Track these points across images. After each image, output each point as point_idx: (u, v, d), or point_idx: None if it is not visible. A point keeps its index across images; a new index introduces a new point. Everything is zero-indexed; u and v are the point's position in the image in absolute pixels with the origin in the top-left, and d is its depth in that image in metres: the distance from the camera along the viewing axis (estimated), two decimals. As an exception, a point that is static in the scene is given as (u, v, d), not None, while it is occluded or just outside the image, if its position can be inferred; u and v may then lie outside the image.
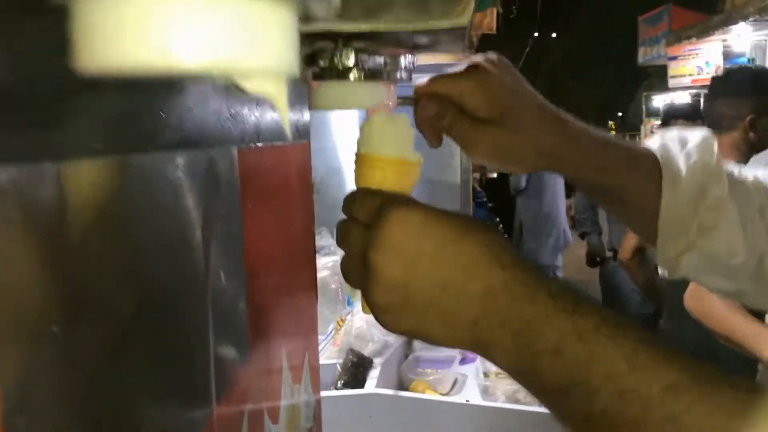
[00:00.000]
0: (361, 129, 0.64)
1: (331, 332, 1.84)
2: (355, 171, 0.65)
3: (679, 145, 0.80)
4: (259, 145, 0.74)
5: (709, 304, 1.71)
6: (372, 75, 0.64)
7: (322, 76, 0.64)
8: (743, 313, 1.67)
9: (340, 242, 0.58)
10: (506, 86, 0.67)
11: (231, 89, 0.58)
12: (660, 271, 0.86)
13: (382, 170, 0.62)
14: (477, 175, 3.22)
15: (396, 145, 0.62)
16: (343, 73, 0.63)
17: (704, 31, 7.46)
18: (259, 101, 0.69)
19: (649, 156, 0.77)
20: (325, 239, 2.15)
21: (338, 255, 2.09)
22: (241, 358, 0.71)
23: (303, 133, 0.94)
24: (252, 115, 0.73)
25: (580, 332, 0.44)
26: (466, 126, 0.67)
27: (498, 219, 4.15)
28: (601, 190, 0.76)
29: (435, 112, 0.67)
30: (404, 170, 0.63)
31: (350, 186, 0.65)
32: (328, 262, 2.00)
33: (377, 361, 1.69)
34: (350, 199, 0.58)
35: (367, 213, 0.55)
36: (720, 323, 1.70)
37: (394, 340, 1.77)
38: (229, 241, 0.66)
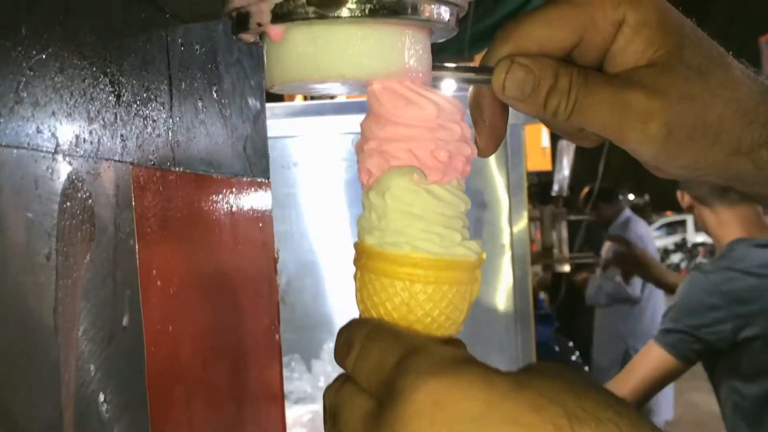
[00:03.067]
0: (366, 200, 0.55)
1: None
2: (356, 276, 0.56)
3: None
4: (178, 170, 0.63)
5: None
6: (384, 9, 0.53)
7: (289, 12, 0.53)
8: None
9: (330, 425, 0.53)
10: (665, 7, 0.60)
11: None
12: None
13: (407, 281, 0.53)
14: (539, 269, 3.11)
15: (437, 233, 0.53)
16: (330, 1, 0.52)
17: None
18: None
19: None
20: (298, 376, 2.02)
21: (318, 403, 1.97)
22: None
23: (259, 163, 0.83)
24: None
25: None
26: (608, 92, 0.59)
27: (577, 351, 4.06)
28: None
29: (536, 78, 0.58)
30: (453, 278, 0.54)
31: (333, 292, 0.53)
32: (303, 415, 1.87)
33: None
34: (347, 340, 0.53)
35: (377, 374, 0.50)
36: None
37: None
38: (114, 344, 0.54)
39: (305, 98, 3.51)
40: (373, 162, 0.54)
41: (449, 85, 0.62)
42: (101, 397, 0.53)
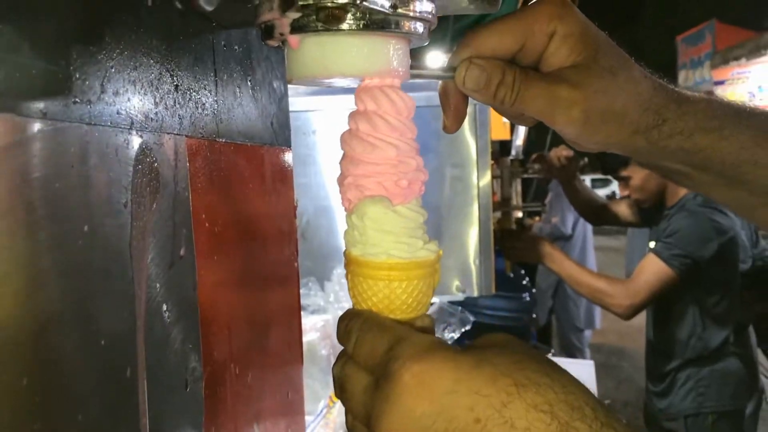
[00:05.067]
0: (349, 221, 0.56)
1: (322, 411, 1.69)
2: (348, 277, 0.56)
3: None
4: (221, 140, 0.63)
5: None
6: (374, 24, 0.53)
7: (303, 26, 0.53)
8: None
9: (339, 393, 0.54)
10: (586, 22, 0.60)
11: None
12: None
13: (387, 280, 0.54)
14: (499, 215, 3.09)
15: (405, 242, 0.54)
16: (333, 18, 0.52)
17: (756, 50, 7.47)
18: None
19: None
20: (314, 293, 2.01)
21: (329, 313, 1.98)
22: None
23: (282, 134, 0.83)
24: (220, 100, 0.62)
25: None
26: (542, 86, 0.60)
27: (527, 277, 4.03)
28: (711, 169, 0.69)
29: (488, 75, 0.60)
30: (420, 274, 0.55)
31: (343, 229, 0.54)
32: (317, 323, 1.86)
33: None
34: (346, 329, 0.54)
35: (371, 358, 0.51)
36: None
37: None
38: (174, 269, 0.55)
39: (288, 81, 3.48)
40: (351, 193, 0.55)
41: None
42: (164, 308, 0.54)
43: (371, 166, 0.55)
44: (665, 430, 2.67)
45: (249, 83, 0.75)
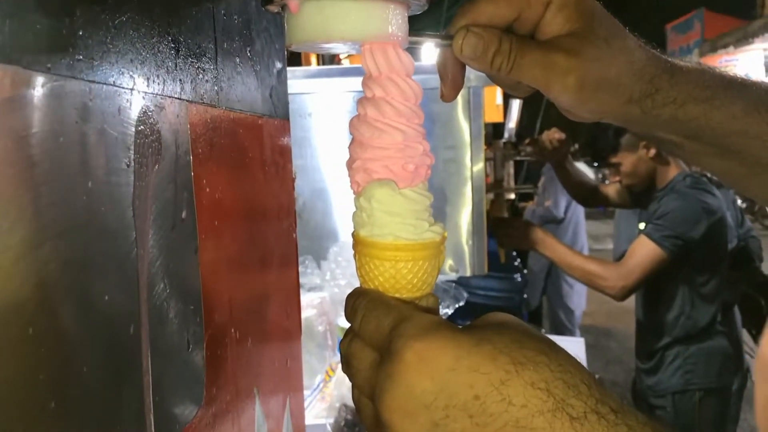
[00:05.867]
0: (357, 203, 0.56)
1: (318, 385, 1.70)
2: (355, 257, 0.57)
3: None
4: (221, 108, 0.63)
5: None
6: (374, -12, 0.53)
7: None
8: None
9: (345, 368, 0.55)
10: None
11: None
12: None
13: (393, 261, 0.55)
14: (492, 196, 3.10)
15: (411, 224, 0.55)
16: None
17: (743, 39, 7.47)
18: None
19: None
20: (311, 272, 2.02)
21: (326, 291, 1.98)
22: (190, 412, 0.58)
23: (281, 107, 0.83)
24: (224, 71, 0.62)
25: None
26: (538, 54, 0.60)
27: (518, 258, 4.04)
28: (702, 139, 0.68)
29: (485, 43, 0.59)
30: (425, 255, 0.55)
31: (338, 211, 0.54)
32: (314, 300, 1.87)
33: (377, 420, 1.54)
34: (353, 307, 0.55)
35: (377, 335, 0.52)
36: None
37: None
38: (176, 231, 0.55)
39: (318, 63, 3.45)
40: (360, 176, 0.56)
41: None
42: (166, 268, 0.54)
43: (379, 151, 0.55)
44: (653, 407, 2.69)
45: (248, 53, 0.75)
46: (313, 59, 3.55)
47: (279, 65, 0.85)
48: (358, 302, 0.54)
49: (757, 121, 0.67)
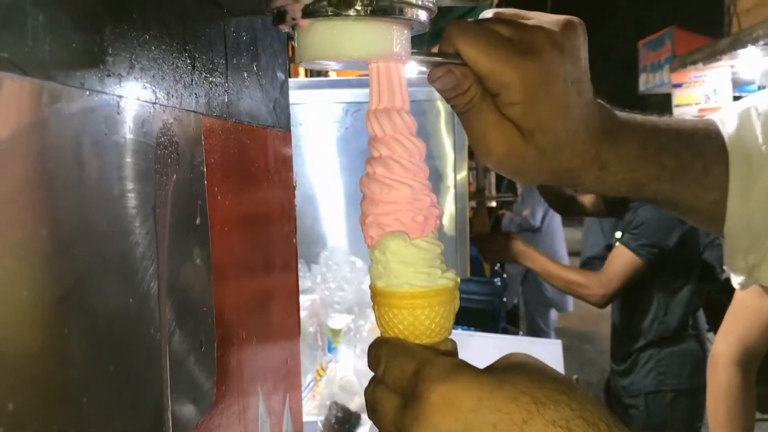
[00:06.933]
0: (372, 255, 0.57)
1: (309, 384, 1.71)
2: (375, 308, 0.58)
3: (761, 128, 0.71)
4: (231, 120, 0.64)
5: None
6: (380, 10, 0.54)
7: (314, 11, 0.54)
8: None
9: (371, 414, 0.55)
10: (562, 82, 0.59)
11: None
12: (733, 281, 0.78)
13: (410, 309, 0.56)
14: (474, 204, 3.12)
15: (425, 273, 0.55)
16: (344, 4, 0.53)
17: (711, 56, 7.54)
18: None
19: (715, 151, 0.71)
20: (302, 275, 2.03)
21: (316, 293, 1.98)
22: (202, 409, 0.59)
23: (283, 118, 0.84)
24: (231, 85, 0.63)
25: None
26: (491, 119, 0.60)
27: (498, 263, 4.07)
28: (645, 199, 0.72)
29: (454, 86, 0.60)
30: (440, 301, 0.56)
31: (327, 217, 0.55)
32: (305, 302, 1.88)
33: (366, 417, 1.55)
34: (375, 356, 0.55)
35: (400, 380, 0.52)
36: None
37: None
38: (191, 235, 0.56)
39: (307, 76, 3.46)
40: (373, 230, 0.57)
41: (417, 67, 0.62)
42: (182, 272, 0.55)
43: (390, 205, 0.56)
44: (627, 406, 2.72)
45: (255, 68, 0.76)
46: (302, 71, 3.56)
47: (282, 78, 0.87)
48: (380, 351, 0.55)
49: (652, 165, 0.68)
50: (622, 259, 2.53)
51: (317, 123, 2.57)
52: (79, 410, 0.40)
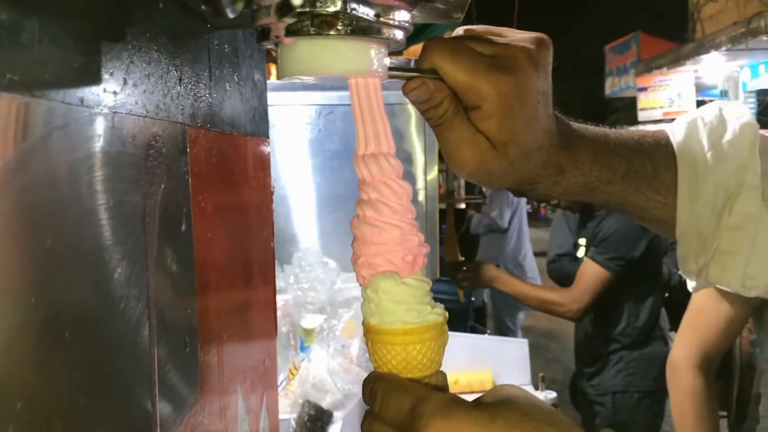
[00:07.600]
0: (365, 294, 0.59)
1: (282, 382, 1.73)
2: (368, 344, 0.60)
3: (707, 137, 0.75)
4: (214, 129, 0.66)
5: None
6: (360, 30, 0.57)
7: (297, 30, 0.56)
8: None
9: None
10: (534, 96, 0.62)
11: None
12: (688, 285, 0.82)
13: (403, 345, 0.58)
14: (443, 206, 3.16)
15: (415, 309, 0.58)
16: (324, 24, 0.55)
17: (675, 61, 7.68)
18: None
19: (664, 157, 0.74)
20: (276, 275, 2.04)
21: (289, 294, 2.00)
22: (186, 407, 0.61)
23: (263, 126, 0.86)
24: (210, 94, 0.65)
25: None
26: (464, 135, 0.62)
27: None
28: (597, 201, 0.74)
29: (428, 99, 0.62)
30: (431, 336, 0.58)
31: (298, 217, 0.58)
32: (278, 302, 1.89)
33: (338, 415, 1.59)
34: (372, 391, 0.57)
35: (398, 415, 0.53)
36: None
37: (357, 389, 1.67)
38: (177, 242, 0.57)
39: (278, 78, 3.47)
40: (365, 270, 0.59)
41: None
42: (169, 277, 0.57)
43: (380, 246, 0.59)
44: (593, 403, 2.79)
45: (236, 79, 0.78)
46: (274, 71, 3.56)
47: (261, 88, 0.89)
48: (376, 386, 0.57)
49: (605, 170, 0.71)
50: (591, 274, 2.60)
51: (290, 125, 2.59)
52: (81, 408, 0.42)
